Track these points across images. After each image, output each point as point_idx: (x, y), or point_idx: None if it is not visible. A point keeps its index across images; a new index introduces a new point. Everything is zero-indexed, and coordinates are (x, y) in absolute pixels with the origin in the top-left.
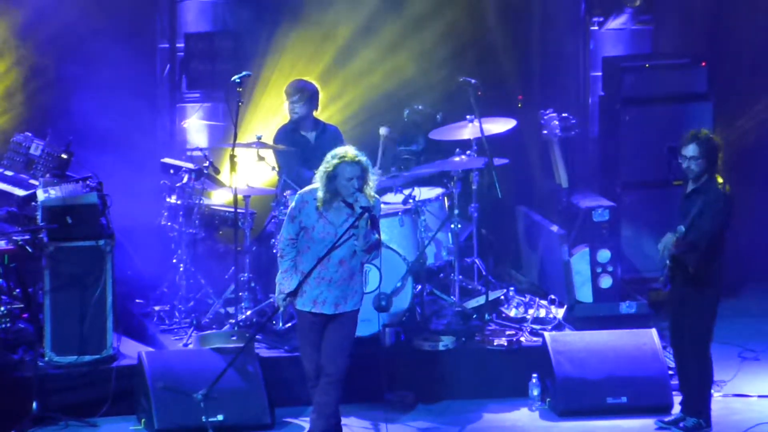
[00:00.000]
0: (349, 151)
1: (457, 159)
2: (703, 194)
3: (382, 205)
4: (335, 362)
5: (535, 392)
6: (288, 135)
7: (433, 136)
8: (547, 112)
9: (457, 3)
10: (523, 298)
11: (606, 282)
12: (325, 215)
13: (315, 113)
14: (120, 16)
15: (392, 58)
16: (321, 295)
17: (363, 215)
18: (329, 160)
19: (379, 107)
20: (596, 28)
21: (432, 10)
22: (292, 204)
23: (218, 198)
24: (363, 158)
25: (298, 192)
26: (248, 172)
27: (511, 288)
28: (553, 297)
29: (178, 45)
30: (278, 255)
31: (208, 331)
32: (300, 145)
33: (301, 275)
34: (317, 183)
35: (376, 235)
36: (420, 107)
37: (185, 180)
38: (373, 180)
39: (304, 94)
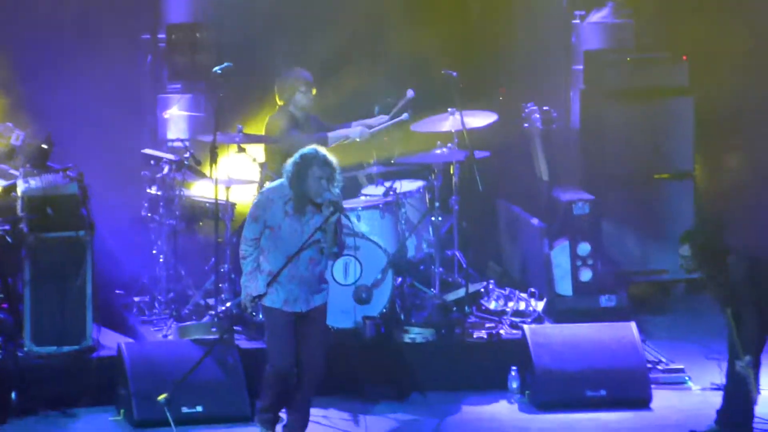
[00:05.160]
0: (318, 151)
1: (438, 152)
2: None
3: (363, 198)
4: (319, 359)
5: (515, 385)
6: (291, 124)
7: (415, 128)
8: (529, 105)
9: None
10: (503, 291)
11: (586, 275)
12: (292, 214)
13: None
14: (102, 7)
15: (372, 49)
16: (292, 293)
17: (333, 214)
18: (299, 161)
19: (356, 99)
20: (578, 21)
21: (413, 2)
22: (255, 204)
23: (199, 189)
24: (333, 159)
25: (263, 191)
26: (229, 163)
27: (491, 281)
28: (533, 290)
29: (159, 36)
30: (240, 257)
31: (188, 323)
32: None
33: (268, 275)
34: (281, 181)
35: (344, 239)
36: (390, 99)
37: (166, 171)
38: (339, 180)
39: (315, 85)
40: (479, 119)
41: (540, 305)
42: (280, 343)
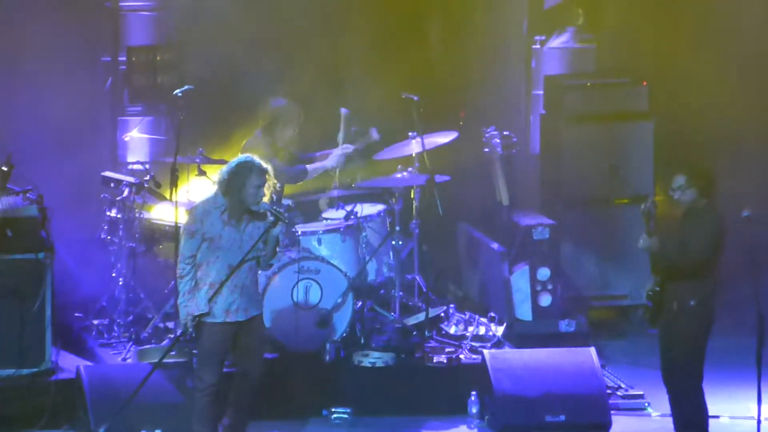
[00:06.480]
0: (254, 160)
1: (399, 176)
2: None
3: (324, 221)
4: (258, 367)
5: (474, 410)
6: (272, 153)
7: (377, 157)
8: (489, 130)
9: (399, 20)
10: (463, 316)
11: (545, 300)
12: (230, 223)
13: None
14: (62, 29)
15: (334, 73)
16: (234, 303)
17: (275, 225)
18: (235, 170)
19: (317, 124)
20: (538, 46)
21: (374, 26)
22: (190, 219)
23: (159, 212)
24: (268, 166)
25: (195, 205)
26: (190, 186)
27: (452, 305)
28: (492, 314)
29: (120, 58)
30: (178, 276)
31: (147, 346)
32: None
33: (210, 287)
34: (210, 194)
35: (279, 247)
36: (354, 129)
37: (126, 193)
38: (273, 182)
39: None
40: (440, 137)
41: (500, 330)
42: (212, 359)
